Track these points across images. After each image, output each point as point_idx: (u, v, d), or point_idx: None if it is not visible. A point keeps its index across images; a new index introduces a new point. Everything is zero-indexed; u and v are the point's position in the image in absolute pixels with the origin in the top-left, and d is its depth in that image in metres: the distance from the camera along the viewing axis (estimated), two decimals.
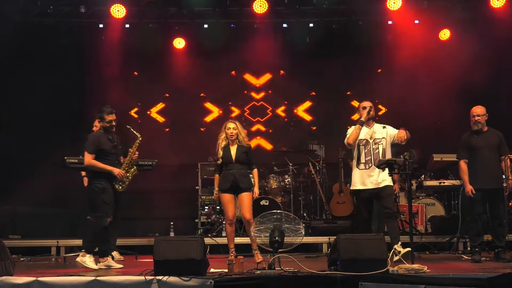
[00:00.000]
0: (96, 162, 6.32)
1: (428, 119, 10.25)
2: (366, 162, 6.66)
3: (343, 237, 5.34)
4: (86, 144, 6.40)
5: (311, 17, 10.39)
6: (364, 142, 6.72)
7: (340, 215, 9.28)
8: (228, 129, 6.74)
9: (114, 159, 6.47)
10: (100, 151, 6.34)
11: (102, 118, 6.41)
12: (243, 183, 6.64)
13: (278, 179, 9.38)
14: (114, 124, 6.46)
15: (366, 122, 6.72)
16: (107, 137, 6.42)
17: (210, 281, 5.00)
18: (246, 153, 6.73)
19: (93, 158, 6.32)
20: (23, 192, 9.46)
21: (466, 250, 7.69)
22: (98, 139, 6.39)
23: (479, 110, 6.84)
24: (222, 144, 6.74)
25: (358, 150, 6.72)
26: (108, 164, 6.35)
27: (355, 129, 6.68)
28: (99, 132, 6.49)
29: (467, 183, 6.76)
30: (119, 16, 9.78)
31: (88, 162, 6.33)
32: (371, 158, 6.64)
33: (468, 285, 4.88)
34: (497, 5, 9.61)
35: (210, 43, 10.55)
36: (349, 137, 6.70)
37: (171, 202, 10.36)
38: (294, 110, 11.19)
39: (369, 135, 6.73)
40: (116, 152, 6.51)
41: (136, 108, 11.07)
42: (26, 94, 10.17)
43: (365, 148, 6.70)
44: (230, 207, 6.66)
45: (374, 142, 6.69)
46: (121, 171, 6.38)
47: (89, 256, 6.18)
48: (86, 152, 6.35)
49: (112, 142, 6.45)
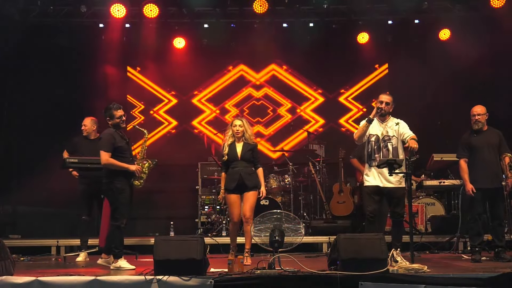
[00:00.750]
0: (113, 160, 6.18)
1: (428, 119, 10.25)
2: (376, 160, 6.46)
3: (343, 237, 5.34)
4: (102, 143, 6.27)
5: (311, 17, 10.39)
6: (375, 138, 6.51)
7: (340, 215, 9.28)
8: (234, 126, 6.70)
9: (129, 155, 6.37)
10: (116, 149, 6.22)
11: (112, 116, 6.29)
12: (250, 182, 6.58)
13: (278, 179, 9.37)
14: (124, 119, 6.37)
15: (381, 117, 6.52)
16: (119, 134, 6.34)
17: (210, 281, 5.00)
18: (251, 151, 6.67)
19: (110, 156, 6.18)
20: (23, 192, 9.46)
21: (466, 250, 7.69)
22: (113, 137, 6.24)
23: (479, 110, 6.84)
24: (229, 141, 6.70)
25: (370, 146, 6.52)
26: (125, 161, 6.24)
27: (363, 126, 6.48)
28: (111, 130, 6.33)
29: (467, 182, 6.76)
30: (119, 16, 9.78)
31: (106, 161, 6.18)
32: (380, 155, 6.44)
33: (468, 285, 4.89)
34: (497, 5, 9.60)
35: (210, 42, 10.57)
36: (356, 133, 6.56)
37: (171, 202, 10.37)
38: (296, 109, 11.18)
39: (381, 131, 6.51)
40: (129, 149, 6.43)
41: (137, 108, 11.05)
42: (26, 94, 10.18)
43: (376, 144, 6.50)
44: (236, 209, 6.61)
45: (384, 139, 6.48)
46: (138, 167, 6.28)
47: (120, 260, 6.13)
48: (103, 151, 6.19)
49: (125, 139, 6.39)
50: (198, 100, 11.15)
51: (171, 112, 11.12)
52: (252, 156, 6.69)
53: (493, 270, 5.45)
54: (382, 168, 6.18)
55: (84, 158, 7.43)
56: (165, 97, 11.13)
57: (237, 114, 10.69)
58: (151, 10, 9.78)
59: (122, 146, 6.29)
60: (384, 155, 6.41)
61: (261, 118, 11.14)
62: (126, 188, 6.24)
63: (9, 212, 9.90)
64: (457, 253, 7.70)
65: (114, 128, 6.35)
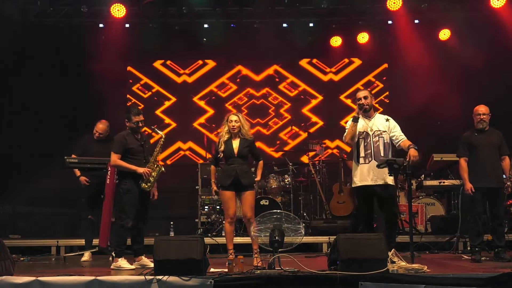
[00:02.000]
0: (121, 162, 6.24)
1: (428, 119, 10.25)
2: (365, 156, 6.16)
3: (343, 237, 5.33)
4: (113, 145, 6.34)
5: (311, 17, 10.39)
6: (364, 134, 6.20)
7: (340, 215, 9.28)
8: (230, 121, 6.46)
9: (142, 158, 6.36)
10: (127, 151, 6.26)
11: (130, 119, 6.33)
12: (246, 180, 6.38)
13: (278, 179, 9.38)
14: (140, 125, 6.38)
15: (365, 113, 6.25)
16: (134, 136, 6.35)
17: (210, 281, 5.00)
18: (249, 147, 6.47)
19: (119, 157, 6.24)
20: (23, 192, 9.46)
21: (466, 250, 7.69)
22: (124, 138, 6.29)
23: (484, 109, 6.83)
24: (225, 137, 6.48)
25: (358, 143, 6.21)
26: (136, 163, 6.26)
27: (350, 126, 6.19)
28: (126, 132, 6.38)
29: (466, 181, 6.75)
30: (119, 16, 9.78)
31: (114, 162, 6.28)
32: (371, 151, 6.15)
33: (468, 285, 4.88)
34: (497, 5, 9.61)
35: (210, 42, 10.57)
36: (346, 135, 6.28)
37: (171, 202, 10.36)
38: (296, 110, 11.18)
39: (369, 127, 6.21)
40: (144, 151, 6.41)
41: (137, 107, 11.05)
42: (26, 94, 10.17)
43: (365, 141, 6.19)
44: (231, 205, 6.42)
45: (375, 135, 6.18)
46: (146, 169, 6.25)
47: (121, 259, 6.16)
48: (112, 152, 6.28)
49: (140, 141, 6.38)
50: (198, 100, 11.16)
51: (172, 112, 11.13)
52: (249, 152, 6.50)
53: (493, 270, 5.44)
54: (382, 168, 6.08)
55: (84, 158, 7.43)
56: (165, 97, 11.14)
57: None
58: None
59: (134, 148, 6.31)
60: (375, 152, 6.14)
61: (261, 119, 11.15)
62: (132, 190, 6.24)
63: (9, 212, 9.89)
64: (457, 253, 7.70)
65: (131, 130, 6.37)
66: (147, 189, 6.33)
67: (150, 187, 6.36)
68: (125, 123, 6.41)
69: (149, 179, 6.31)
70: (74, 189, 8.03)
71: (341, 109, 11.12)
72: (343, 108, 11.13)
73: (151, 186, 6.38)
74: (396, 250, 5.85)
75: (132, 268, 6.09)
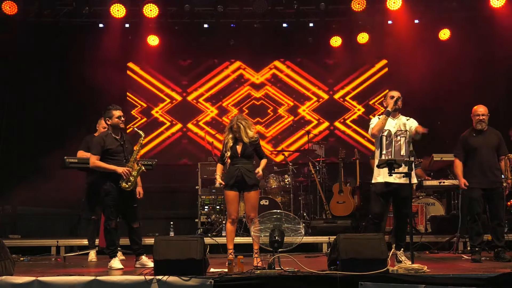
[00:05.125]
0: (99, 162, 6.30)
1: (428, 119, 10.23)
2: (386, 154, 6.29)
3: (343, 237, 5.34)
4: (91, 146, 6.42)
5: (311, 17, 10.39)
6: (387, 133, 6.34)
7: (340, 215, 9.28)
8: (234, 131, 6.51)
9: (122, 158, 6.38)
10: (106, 151, 6.31)
11: (110, 116, 6.37)
12: (250, 179, 6.38)
13: (278, 179, 9.38)
14: (123, 119, 6.44)
15: (392, 113, 6.37)
16: (113, 137, 6.39)
17: (210, 281, 5.00)
18: (253, 147, 6.50)
19: (98, 159, 6.30)
20: (23, 192, 9.46)
21: (466, 250, 7.69)
22: (103, 139, 6.35)
23: (483, 110, 6.82)
24: (230, 143, 6.51)
25: (381, 141, 6.35)
26: (115, 163, 6.30)
27: (381, 119, 6.31)
28: (106, 132, 6.44)
29: (461, 177, 6.77)
30: (119, 16, 9.78)
31: (93, 163, 6.33)
32: (391, 150, 6.28)
33: (468, 285, 4.88)
34: (497, 5, 9.61)
35: (210, 42, 10.57)
36: (375, 127, 6.35)
37: (171, 202, 10.36)
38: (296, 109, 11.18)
39: (393, 126, 6.36)
40: (124, 151, 6.42)
41: (137, 108, 11.06)
42: (26, 94, 10.18)
43: (387, 139, 6.34)
44: (234, 206, 6.45)
45: (396, 134, 6.33)
46: (125, 169, 6.27)
47: (113, 260, 6.23)
48: (91, 154, 6.37)
49: (120, 141, 6.41)
50: (198, 100, 11.16)
51: (172, 112, 11.13)
52: (254, 151, 6.53)
53: (493, 270, 5.45)
54: (382, 168, 6.10)
55: (84, 158, 7.43)
56: (165, 97, 11.14)
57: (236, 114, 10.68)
58: (151, 10, 9.77)
59: (113, 149, 6.34)
60: (396, 150, 6.28)
61: (261, 119, 11.15)
62: (112, 191, 6.28)
63: (9, 212, 9.89)
64: (457, 253, 7.70)
65: (113, 128, 6.40)
66: (128, 189, 6.33)
67: (131, 186, 6.35)
68: (106, 123, 6.43)
69: (129, 178, 6.31)
70: (74, 189, 8.03)
71: (341, 109, 11.12)
72: (343, 108, 11.13)
73: (132, 186, 6.38)
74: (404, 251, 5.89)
75: (121, 267, 6.12)
